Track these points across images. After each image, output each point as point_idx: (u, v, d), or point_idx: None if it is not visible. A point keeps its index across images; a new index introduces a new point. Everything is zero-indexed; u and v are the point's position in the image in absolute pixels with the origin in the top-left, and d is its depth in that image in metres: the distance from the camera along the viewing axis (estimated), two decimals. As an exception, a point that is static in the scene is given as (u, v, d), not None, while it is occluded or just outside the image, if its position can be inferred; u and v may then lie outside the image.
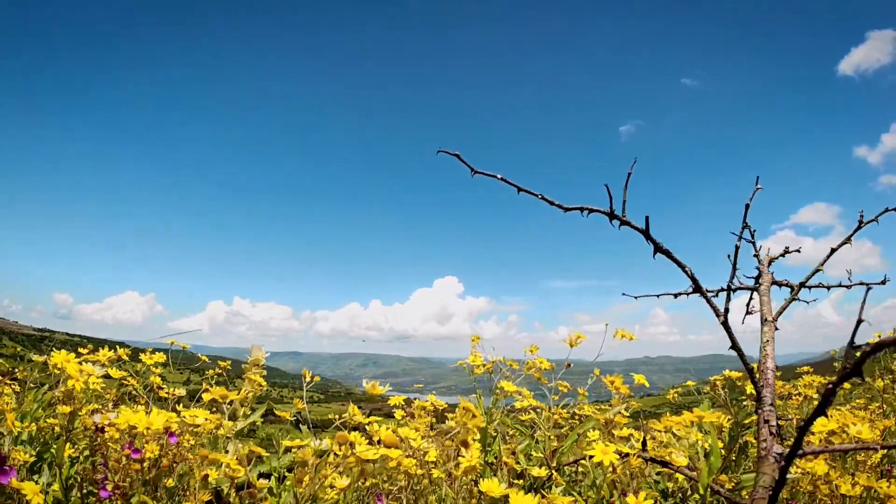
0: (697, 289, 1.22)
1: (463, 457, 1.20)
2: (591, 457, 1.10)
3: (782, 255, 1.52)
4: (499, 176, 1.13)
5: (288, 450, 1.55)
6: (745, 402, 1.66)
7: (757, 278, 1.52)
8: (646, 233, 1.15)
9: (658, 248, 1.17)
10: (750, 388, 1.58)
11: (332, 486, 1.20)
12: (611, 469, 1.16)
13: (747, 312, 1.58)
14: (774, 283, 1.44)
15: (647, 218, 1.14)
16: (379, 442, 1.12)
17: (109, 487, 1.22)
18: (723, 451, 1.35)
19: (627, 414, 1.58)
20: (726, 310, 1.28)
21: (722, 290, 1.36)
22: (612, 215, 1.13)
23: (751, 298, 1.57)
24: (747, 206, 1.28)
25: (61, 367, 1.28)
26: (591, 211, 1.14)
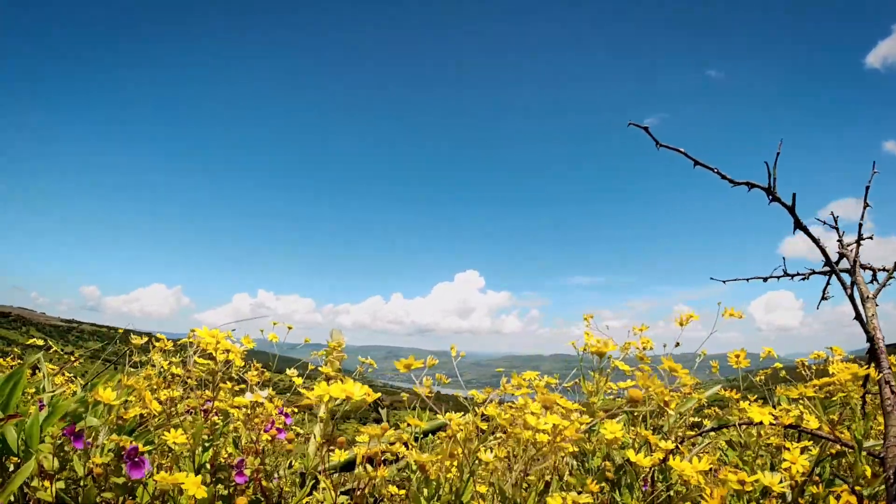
0: (829, 265, 1.10)
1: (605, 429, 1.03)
2: (744, 421, 0.95)
3: (856, 243, 1.42)
4: (681, 150, 1.00)
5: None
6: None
7: (836, 262, 1.41)
8: (791, 209, 1.03)
9: (798, 225, 1.04)
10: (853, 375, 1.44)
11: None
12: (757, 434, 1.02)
13: (823, 298, 1.46)
14: (861, 266, 1.34)
15: (794, 195, 1.02)
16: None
17: (248, 472, 0.99)
18: (833, 416, 1.23)
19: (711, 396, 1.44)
20: (853, 283, 1.16)
21: (847, 270, 1.23)
22: (768, 191, 1.00)
23: (828, 284, 1.45)
24: (867, 189, 1.17)
25: (206, 346, 1.05)
26: (752, 186, 1.00)
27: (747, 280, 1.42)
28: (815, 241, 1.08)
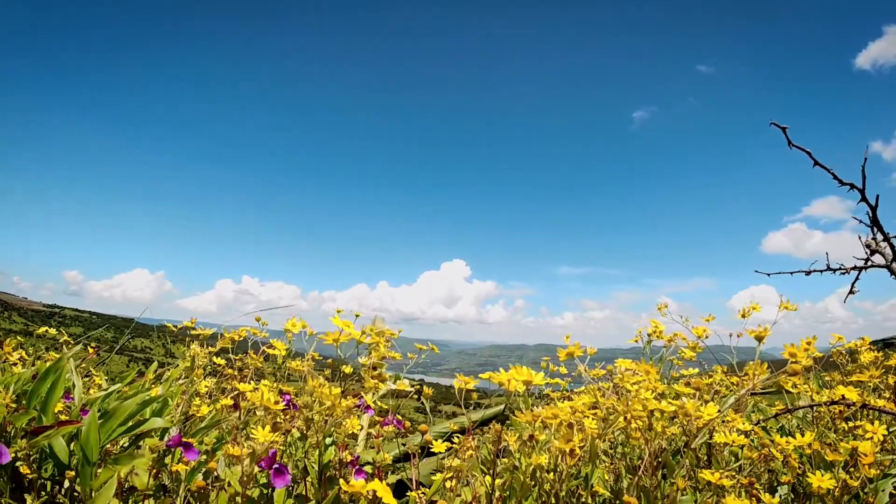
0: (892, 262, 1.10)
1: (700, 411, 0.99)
2: (834, 401, 0.94)
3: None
4: (808, 150, 0.95)
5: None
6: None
7: (867, 259, 1.43)
8: (873, 208, 1.00)
9: (875, 223, 1.03)
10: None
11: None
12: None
13: (850, 292, 1.47)
14: None
15: (877, 196, 0.99)
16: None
17: (369, 469, 0.87)
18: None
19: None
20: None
21: (885, 266, 1.24)
22: (861, 192, 0.97)
23: (856, 279, 1.47)
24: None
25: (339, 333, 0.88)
26: (852, 187, 0.97)
27: (791, 273, 1.41)
28: (888, 238, 1.07)
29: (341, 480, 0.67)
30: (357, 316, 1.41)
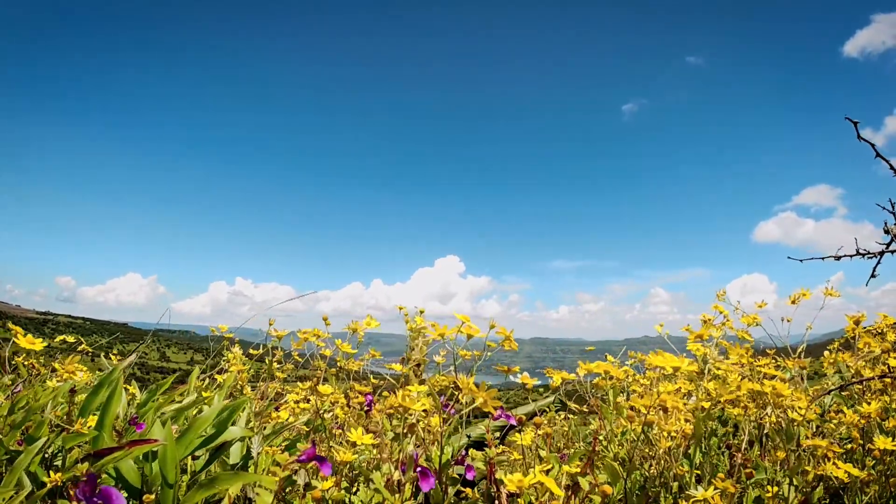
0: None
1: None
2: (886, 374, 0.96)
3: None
4: (872, 143, 0.94)
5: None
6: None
7: (889, 244, 1.46)
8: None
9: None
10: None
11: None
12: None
13: (872, 276, 1.50)
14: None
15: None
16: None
17: (480, 465, 0.83)
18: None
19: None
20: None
21: None
22: None
23: (878, 263, 1.50)
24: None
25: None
26: None
27: (822, 259, 1.43)
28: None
29: (504, 477, 0.63)
30: (422, 311, 1.36)
